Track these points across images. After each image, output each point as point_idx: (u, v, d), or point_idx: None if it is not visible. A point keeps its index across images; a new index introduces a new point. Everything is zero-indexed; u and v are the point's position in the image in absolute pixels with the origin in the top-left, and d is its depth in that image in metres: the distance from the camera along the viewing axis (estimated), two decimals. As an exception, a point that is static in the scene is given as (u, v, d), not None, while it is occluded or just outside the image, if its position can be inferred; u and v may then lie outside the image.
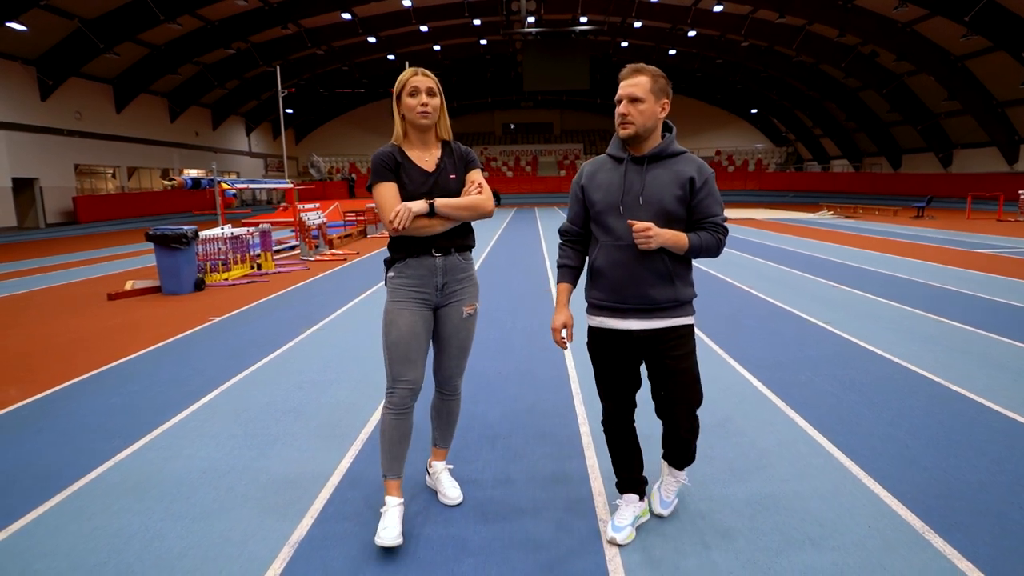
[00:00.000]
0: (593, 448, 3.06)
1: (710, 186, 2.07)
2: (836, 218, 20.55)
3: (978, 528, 2.28)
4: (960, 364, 4.32)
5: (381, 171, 2.27)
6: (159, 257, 7.45)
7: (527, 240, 14.25)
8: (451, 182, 2.32)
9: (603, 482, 2.71)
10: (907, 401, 3.63)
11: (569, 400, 3.76)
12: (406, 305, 2.29)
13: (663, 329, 2.10)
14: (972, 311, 5.99)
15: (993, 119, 24.98)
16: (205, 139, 33.85)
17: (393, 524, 2.27)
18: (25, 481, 2.80)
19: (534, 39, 30.82)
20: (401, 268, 2.31)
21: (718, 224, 2.08)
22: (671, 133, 2.16)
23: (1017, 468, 2.75)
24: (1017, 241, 12.52)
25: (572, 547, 2.25)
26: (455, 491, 2.59)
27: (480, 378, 4.19)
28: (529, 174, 43.73)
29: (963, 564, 2.07)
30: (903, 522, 2.34)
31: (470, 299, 2.42)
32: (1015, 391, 3.75)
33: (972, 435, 3.12)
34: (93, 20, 21.34)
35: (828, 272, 8.66)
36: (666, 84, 2.09)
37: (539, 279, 8.53)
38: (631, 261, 2.06)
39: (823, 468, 2.80)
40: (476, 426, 3.36)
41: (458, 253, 2.36)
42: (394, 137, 2.35)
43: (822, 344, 4.95)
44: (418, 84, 2.26)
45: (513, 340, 5.26)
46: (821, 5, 24.12)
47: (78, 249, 14.24)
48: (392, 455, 2.34)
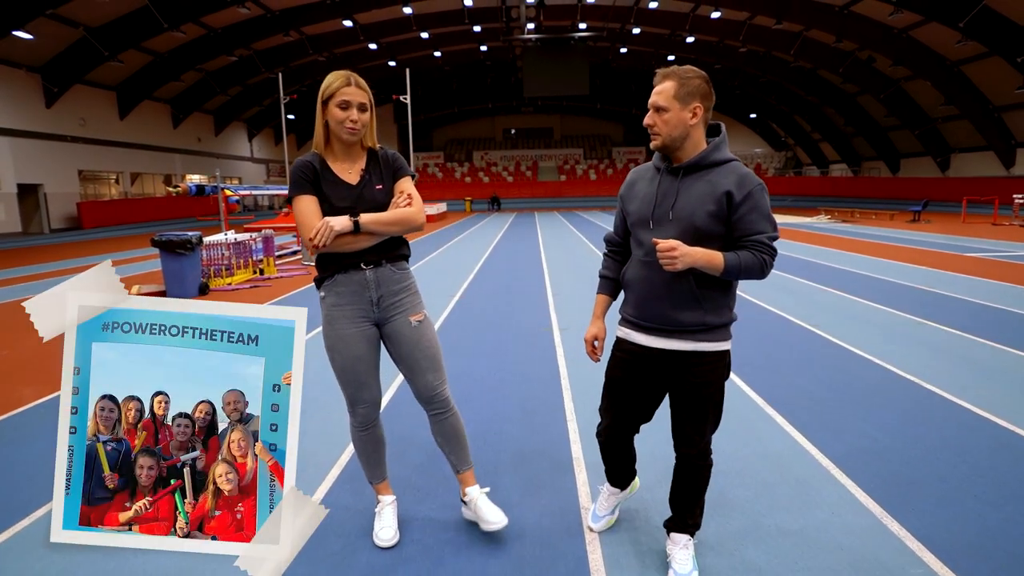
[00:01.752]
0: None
1: (755, 200, 1.85)
2: (833, 222, 20.71)
3: (933, 513, 2.45)
4: (937, 364, 4.48)
5: (299, 183, 2.08)
6: (164, 262, 7.64)
7: (526, 246, 14.42)
8: (377, 194, 2.14)
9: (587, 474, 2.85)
10: (880, 398, 3.79)
11: (559, 399, 3.94)
12: (343, 325, 2.14)
13: (687, 352, 1.94)
14: (955, 313, 6.15)
15: (990, 124, 25.19)
16: (207, 145, 34.15)
17: (389, 523, 2.31)
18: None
19: (534, 45, 31.15)
20: (331, 286, 2.15)
21: (763, 243, 1.84)
22: (718, 137, 1.94)
23: (976, 459, 2.92)
24: (1009, 245, 12.67)
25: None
26: (496, 514, 2.31)
27: (470, 379, 4.36)
28: (529, 179, 43.99)
29: (913, 544, 2.25)
30: (864, 508, 2.51)
31: (413, 308, 2.23)
32: (988, 390, 3.91)
33: (942, 431, 3.28)
34: (98, 28, 21.63)
35: (818, 275, 8.82)
36: (700, 85, 1.87)
37: (537, 282, 8.71)
38: (657, 279, 1.92)
39: (795, 458, 2.97)
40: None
41: (390, 264, 2.18)
42: (314, 144, 2.15)
43: (805, 344, 5.11)
44: (350, 98, 2.04)
45: (507, 343, 5.44)
46: (818, 11, 24.36)
47: (83, 254, 14.43)
48: (371, 463, 2.34)
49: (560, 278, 9.10)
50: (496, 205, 35.65)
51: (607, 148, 47.48)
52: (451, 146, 48.33)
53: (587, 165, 44.92)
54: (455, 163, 45.98)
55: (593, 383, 4.13)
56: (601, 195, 39.92)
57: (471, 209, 34.10)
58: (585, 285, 8.36)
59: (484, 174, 44.18)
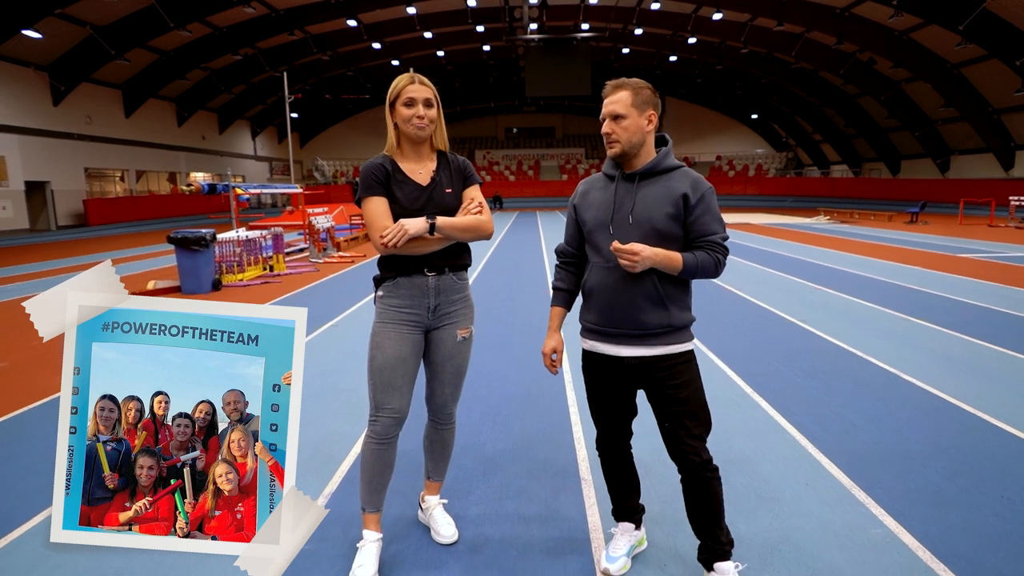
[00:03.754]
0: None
1: (707, 202, 1.94)
2: (832, 223, 20.94)
3: (896, 485, 2.71)
4: (917, 358, 4.74)
5: (371, 184, 2.10)
6: (180, 258, 7.90)
7: (528, 243, 14.68)
8: (447, 197, 2.16)
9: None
10: (858, 386, 4.05)
11: (561, 385, 4.19)
12: (395, 327, 2.13)
13: (657, 357, 1.97)
14: (942, 312, 6.40)
15: (989, 126, 25.38)
16: (212, 143, 34.43)
17: (370, 562, 2.14)
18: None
19: (536, 45, 31.38)
20: (391, 288, 2.15)
21: (716, 243, 1.94)
22: (666, 147, 2.03)
23: (942, 440, 3.18)
24: (1003, 246, 12.91)
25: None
26: (449, 528, 2.39)
27: (475, 370, 4.62)
28: (531, 178, 44.23)
29: (877, 510, 2.51)
30: (835, 481, 2.77)
31: (464, 322, 2.25)
32: (965, 382, 4.17)
33: (913, 415, 3.54)
34: (105, 27, 21.90)
35: (811, 274, 9.06)
36: (651, 95, 1.97)
37: (539, 281, 8.95)
38: (620, 283, 1.95)
39: (776, 440, 3.22)
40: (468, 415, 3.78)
41: (453, 273, 2.19)
42: (387, 147, 2.18)
43: (794, 339, 5.36)
44: (415, 95, 2.09)
45: (512, 335, 5.69)
46: (819, 13, 24.56)
47: (92, 251, 14.70)
48: (373, 487, 2.19)
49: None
50: (498, 204, 35.92)
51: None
52: (454, 145, 47.65)
53: (589, 164, 45.15)
54: (457, 162, 46.14)
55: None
56: (602, 194, 40.03)
57: (473, 208, 34.27)
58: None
59: (487, 173, 44.43)
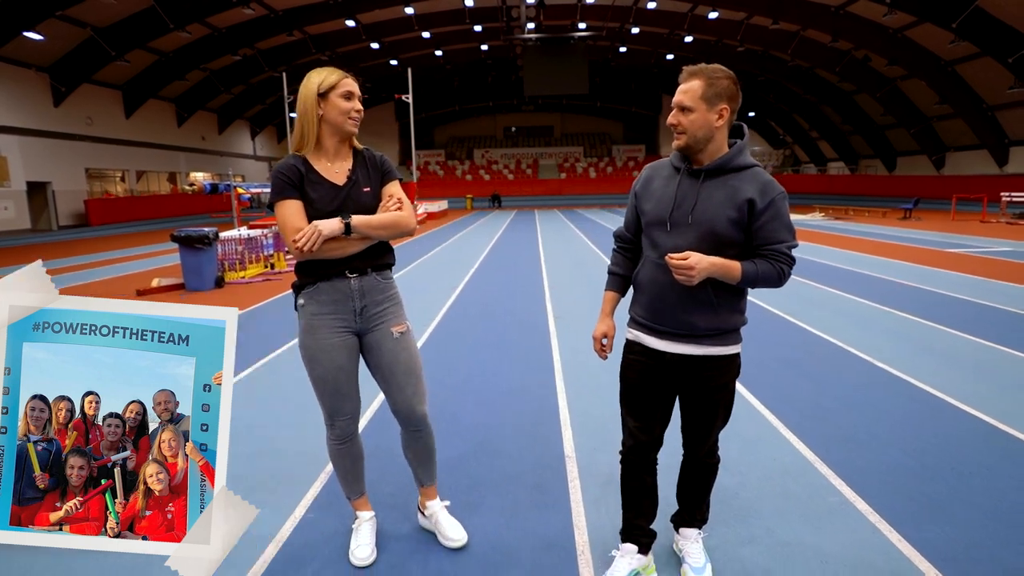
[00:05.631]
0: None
1: (776, 208, 1.79)
2: (827, 219, 21.14)
3: (865, 465, 2.90)
4: (897, 347, 4.93)
5: (283, 187, 1.99)
6: (183, 256, 8.08)
7: (526, 242, 14.86)
8: (364, 196, 2.07)
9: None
10: (841, 376, 4.25)
11: (551, 377, 4.38)
12: (324, 335, 2.07)
13: (701, 357, 1.90)
14: (926, 305, 6.60)
15: (983, 122, 25.57)
16: (211, 143, 34.59)
17: (366, 540, 2.20)
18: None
19: (534, 44, 31.55)
20: (312, 294, 2.07)
21: (782, 252, 1.80)
22: (741, 140, 1.87)
23: (914, 426, 3.37)
24: (992, 241, 13.10)
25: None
26: (457, 531, 2.30)
27: (471, 365, 4.81)
28: (530, 177, 44.41)
29: (836, 481, 2.72)
30: (801, 456, 2.97)
31: (396, 319, 2.16)
32: (942, 371, 4.37)
33: (886, 401, 3.74)
34: (105, 28, 22.05)
35: (801, 269, 9.25)
36: (729, 86, 1.79)
37: (536, 280, 9.15)
38: (672, 282, 1.82)
39: (750, 420, 3.42)
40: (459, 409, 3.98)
41: (376, 273, 2.11)
42: (294, 146, 2.07)
43: (780, 331, 5.56)
44: (353, 88, 2.02)
45: (510, 335, 5.89)
46: (814, 11, 24.73)
47: (95, 250, 14.86)
48: (349, 479, 2.26)
49: (558, 275, 9.54)
50: (497, 202, 36.11)
51: (607, 146, 47.90)
52: (452, 144, 48.75)
53: (587, 163, 45.34)
54: (456, 161, 46.42)
55: (584, 368, 4.59)
56: (601, 193, 40.35)
57: (472, 206, 34.55)
58: (581, 281, 8.79)
59: (485, 172, 44.61)
